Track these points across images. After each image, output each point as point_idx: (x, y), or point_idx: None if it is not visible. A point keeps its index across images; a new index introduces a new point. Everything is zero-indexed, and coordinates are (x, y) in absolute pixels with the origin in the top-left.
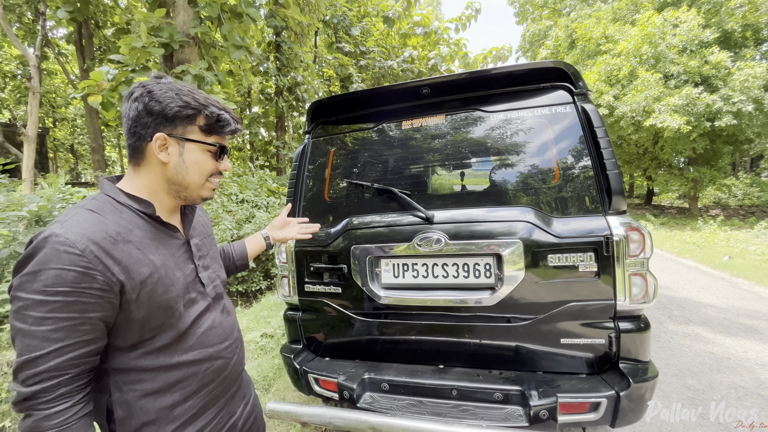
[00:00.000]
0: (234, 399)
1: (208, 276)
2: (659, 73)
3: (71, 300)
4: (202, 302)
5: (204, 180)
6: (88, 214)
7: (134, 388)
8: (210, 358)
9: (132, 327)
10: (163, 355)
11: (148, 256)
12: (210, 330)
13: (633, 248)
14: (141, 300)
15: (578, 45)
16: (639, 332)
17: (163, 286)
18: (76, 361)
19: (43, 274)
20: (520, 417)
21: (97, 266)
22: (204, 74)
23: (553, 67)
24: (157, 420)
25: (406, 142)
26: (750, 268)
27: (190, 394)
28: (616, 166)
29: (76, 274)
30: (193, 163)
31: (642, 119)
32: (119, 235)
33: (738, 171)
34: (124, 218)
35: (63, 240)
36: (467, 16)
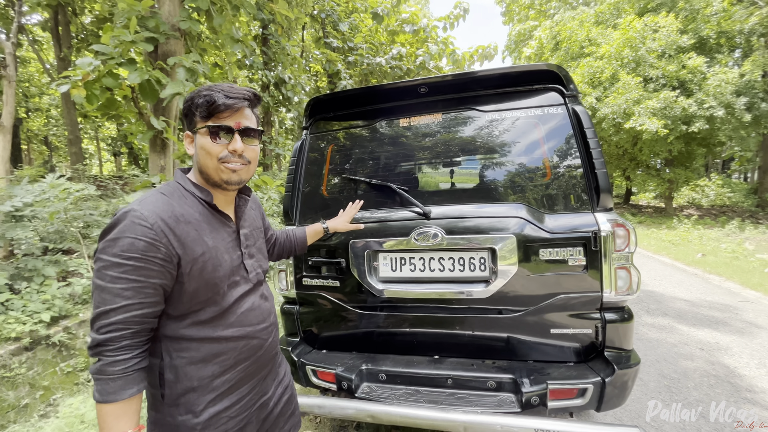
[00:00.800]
0: (267, 379)
1: (251, 264)
2: (639, 77)
3: (140, 265)
4: (244, 285)
5: (215, 162)
6: (161, 196)
7: (181, 355)
8: (247, 336)
9: (183, 298)
10: (207, 328)
11: (203, 237)
12: (249, 311)
13: (619, 243)
14: (192, 274)
15: (562, 47)
16: (623, 322)
17: (212, 265)
18: (139, 319)
19: (120, 241)
20: (512, 403)
21: (162, 239)
22: (196, 67)
23: (546, 69)
24: (199, 387)
25: (404, 139)
26: (721, 265)
27: (227, 368)
28: (603, 165)
29: (145, 244)
30: (200, 149)
31: (622, 121)
32: (182, 216)
33: (710, 172)
34: (188, 203)
35: (139, 215)
36: (455, 15)
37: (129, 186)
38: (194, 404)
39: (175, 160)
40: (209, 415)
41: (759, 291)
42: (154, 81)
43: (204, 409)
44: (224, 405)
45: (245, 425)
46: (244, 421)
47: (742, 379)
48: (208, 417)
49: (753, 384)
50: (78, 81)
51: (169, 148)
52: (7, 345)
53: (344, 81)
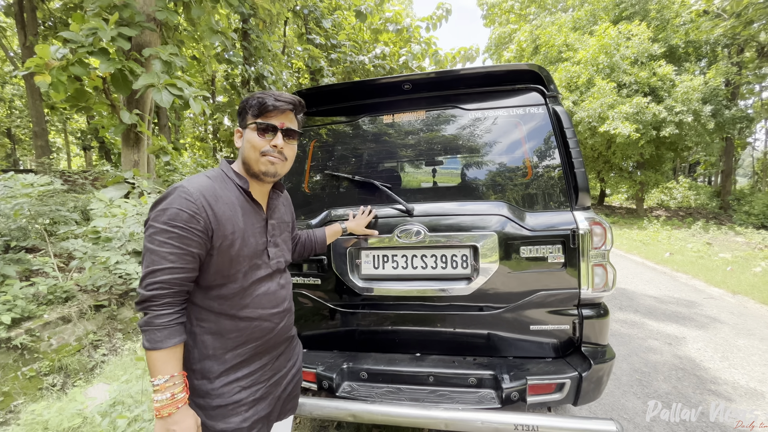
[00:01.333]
0: (280, 358)
1: (274, 252)
2: (613, 82)
3: (183, 234)
4: (264, 270)
5: (257, 155)
6: (206, 178)
7: (201, 324)
8: (259, 318)
9: (210, 269)
10: (226, 305)
11: (236, 218)
12: (264, 295)
13: (596, 241)
14: (222, 249)
15: (541, 51)
16: (599, 318)
17: (239, 244)
18: (179, 281)
19: (169, 211)
20: (492, 399)
21: (202, 213)
22: (173, 59)
23: (527, 69)
24: (213, 356)
25: (387, 136)
26: (687, 263)
27: (239, 344)
28: (582, 165)
29: (188, 215)
30: (246, 142)
31: (597, 125)
32: (221, 197)
33: (678, 176)
34: (228, 187)
35: (185, 190)
36: (438, 16)
37: (99, 182)
38: (209, 371)
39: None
40: (222, 383)
41: (721, 288)
42: (128, 72)
43: (217, 377)
44: (236, 376)
45: (260, 398)
46: (258, 393)
47: (706, 371)
48: (221, 384)
49: (716, 376)
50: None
51: (143, 143)
52: None
53: (327, 78)
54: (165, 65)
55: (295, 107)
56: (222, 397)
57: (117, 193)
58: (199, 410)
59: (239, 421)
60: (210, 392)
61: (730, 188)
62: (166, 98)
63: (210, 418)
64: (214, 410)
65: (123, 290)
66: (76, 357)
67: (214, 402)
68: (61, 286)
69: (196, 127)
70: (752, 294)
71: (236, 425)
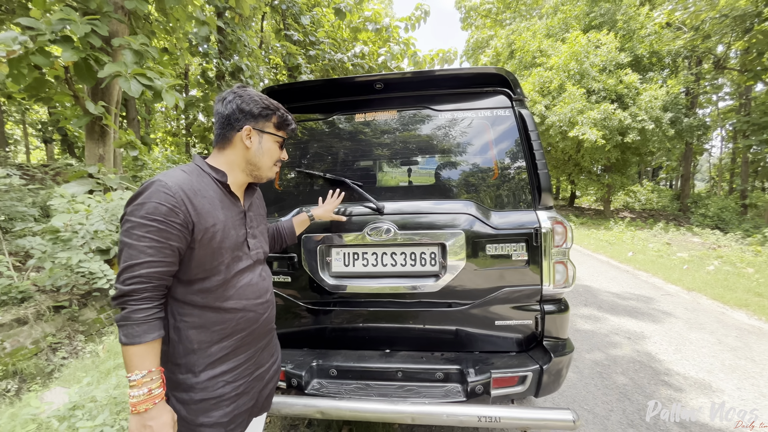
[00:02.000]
0: (263, 353)
1: (254, 243)
2: (583, 89)
3: (161, 228)
4: (245, 261)
5: (272, 164)
6: (182, 172)
7: (184, 319)
8: (244, 309)
9: (192, 263)
10: (210, 297)
11: (215, 211)
12: (248, 286)
13: (557, 239)
14: (203, 242)
15: (516, 56)
16: (560, 313)
17: (221, 237)
18: (158, 275)
19: (147, 205)
20: (458, 393)
21: (181, 207)
22: (144, 49)
23: (495, 73)
24: (198, 351)
25: (358, 134)
26: (648, 262)
27: (224, 336)
28: (545, 166)
29: (167, 209)
30: (267, 150)
31: (567, 129)
32: (200, 191)
33: (642, 179)
34: (204, 181)
35: (164, 184)
36: (416, 17)
37: (61, 176)
38: (194, 365)
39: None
40: (207, 377)
41: (678, 285)
42: (93, 61)
43: (202, 370)
44: (221, 369)
45: (241, 393)
46: (240, 388)
47: (661, 363)
48: (206, 378)
49: (670, 368)
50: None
51: (109, 136)
52: None
53: (305, 75)
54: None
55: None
56: (206, 390)
57: (80, 188)
58: (180, 405)
59: (220, 415)
60: (194, 386)
61: (688, 192)
62: (135, 88)
63: (191, 412)
64: (196, 404)
65: (86, 290)
66: (33, 361)
67: (197, 396)
68: (17, 286)
69: (168, 122)
70: (705, 291)
71: (216, 419)
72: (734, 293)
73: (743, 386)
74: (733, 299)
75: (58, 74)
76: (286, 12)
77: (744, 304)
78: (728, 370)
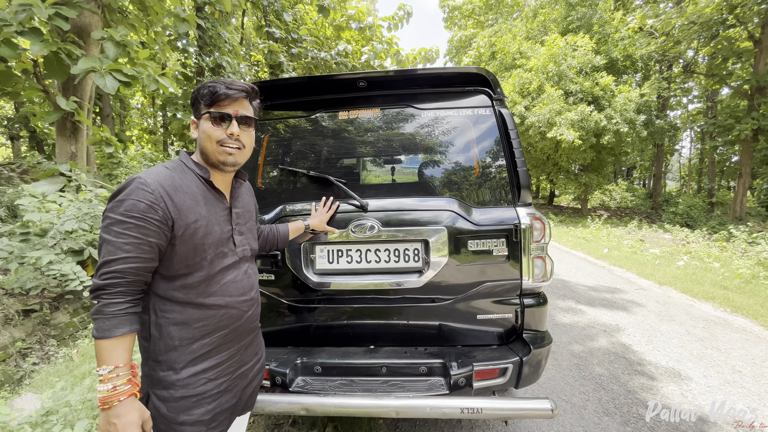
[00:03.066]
0: (246, 351)
1: (240, 240)
2: (561, 90)
3: (139, 224)
4: (230, 258)
5: (215, 145)
6: (164, 169)
7: (166, 315)
8: (227, 306)
9: (174, 259)
10: (192, 293)
11: (197, 207)
12: (231, 283)
13: (536, 235)
14: (184, 238)
15: (498, 57)
16: (539, 306)
17: (203, 232)
18: (134, 271)
19: (126, 202)
20: (442, 386)
21: (160, 203)
22: (127, 42)
23: (476, 72)
24: (179, 347)
25: (342, 132)
26: (623, 258)
27: (206, 333)
28: (524, 164)
29: (146, 205)
30: (203, 132)
31: (546, 130)
32: (181, 187)
33: (618, 178)
34: (187, 178)
35: (143, 181)
36: (399, 17)
37: (30, 174)
38: (175, 362)
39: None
40: (188, 374)
41: (650, 280)
42: (65, 55)
43: (183, 367)
44: (203, 367)
45: (224, 390)
46: (222, 386)
47: (635, 354)
48: (187, 375)
49: (642, 358)
50: None
51: (82, 133)
52: None
53: (287, 73)
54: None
55: (249, 94)
56: (187, 388)
57: (51, 187)
58: (160, 402)
59: (201, 413)
60: (175, 383)
61: (660, 191)
62: (111, 84)
63: (171, 410)
64: (177, 402)
65: (57, 293)
66: (0, 367)
67: (178, 393)
68: None
69: (144, 119)
70: (675, 285)
71: (197, 417)
72: (702, 287)
73: (709, 374)
74: (700, 292)
75: (26, 68)
76: (267, 8)
77: (711, 296)
78: (696, 359)
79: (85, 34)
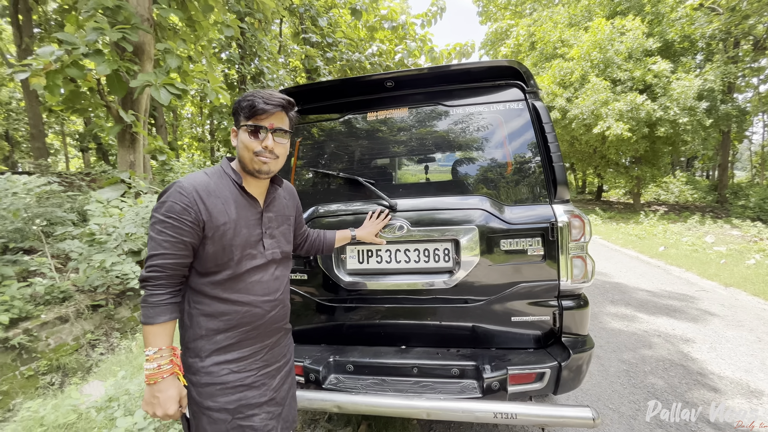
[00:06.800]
0: (272, 351)
1: (270, 243)
2: (608, 80)
3: (176, 225)
4: (259, 260)
5: (251, 155)
6: (203, 174)
7: (196, 306)
8: (250, 303)
9: (205, 257)
10: (219, 289)
11: (228, 210)
12: (257, 283)
13: (575, 233)
14: (214, 239)
15: (537, 47)
16: (579, 309)
17: (231, 234)
18: (172, 266)
19: (166, 204)
20: (474, 389)
21: (194, 206)
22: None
23: (507, 65)
24: (205, 336)
25: (371, 133)
26: (681, 257)
27: (230, 327)
28: (560, 159)
29: (181, 207)
30: (241, 142)
31: (591, 122)
32: (215, 191)
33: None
34: (223, 183)
35: (181, 185)
36: (433, 13)
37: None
38: (201, 350)
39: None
40: (211, 363)
41: (714, 281)
42: (124, 72)
43: (208, 356)
44: (226, 358)
45: (248, 385)
46: (247, 380)
47: (694, 362)
48: (211, 364)
49: (704, 367)
50: (39, 70)
51: (139, 143)
52: None
53: (323, 77)
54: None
55: (285, 107)
56: (210, 375)
57: (113, 193)
58: (191, 386)
59: (225, 401)
60: (200, 370)
61: (726, 182)
62: (165, 96)
63: (200, 394)
64: (203, 387)
65: (120, 290)
66: (74, 356)
67: (203, 380)
68: (59, 286)
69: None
70: (744, 286)
71: (222, 405)
72: None
73: None
74: None
75: (92, 86)
76: (303, 15)
77: None
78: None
79: (140, 52)
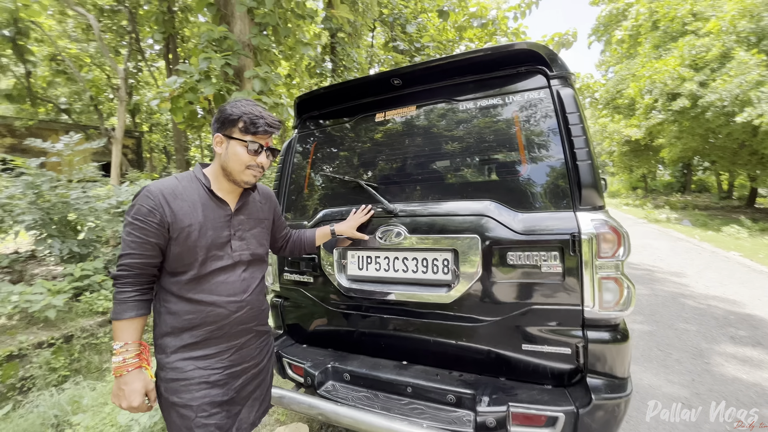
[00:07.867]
0: (240, 351)
1: (238, 245)
2: (762, 54)
3: (142, 226)
4: (225, 261)
5: (242, 168)
6: (173, 179)
7: (164, 304)
8: (214, 304)
9: (172, 257)
10: (184, 288)
11: (194, 212)
12: (222, 283)
13: (605, 249)
14: (179, 240)
15: (661, 26)
16: (613, 344)
17: (196, 236)
18: (139, 266)
19: (135, 206)
20: (468, 422)
21: (159, 208)
22: (269, 77)
23: (526, 49)
24: (171, 333)
25: (376, 134)
26: None
27: (194, 325)
28: (589, 156)
29: (147, 210)
30: (233, 154)
31: (737, 110)
32: (182, 194)
33: None
34: (192, 186)
35: (148, 189)
36: (527, 3)
37: None
38: (167, 346)
39: None
40: (176, 359)
41: None
42: (225, 92)
43: (173, 352)
44: (191, 355)
45: (213, 383)
46: (211, 378)
47: None
48: (175, 360)
49: None
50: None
51: None
52: (96, 317)
53: None
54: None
55: (278, 129)
56: (175, 371)
57: None
58: (160, 381)
59: (189, 398)
60: (166, 365)
61: None
62: None
63: (166, 390)
64: (168, 383)
65: None
66: None
67: (168, 375)
68: None
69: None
70: None
71: (186, 401)
72: None
73: None
74: None
75: (204, 106)
76: (393, 23)
77: None
78: None
79: (241, 74)
